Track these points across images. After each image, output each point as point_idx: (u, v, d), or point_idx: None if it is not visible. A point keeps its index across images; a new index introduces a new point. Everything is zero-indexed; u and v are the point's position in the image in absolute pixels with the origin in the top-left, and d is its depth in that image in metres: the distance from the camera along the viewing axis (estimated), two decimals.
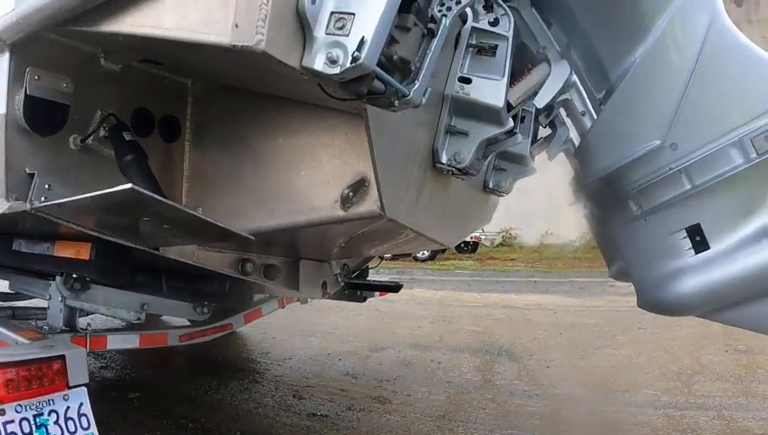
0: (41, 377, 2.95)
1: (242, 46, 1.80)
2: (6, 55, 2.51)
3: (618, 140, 2.72)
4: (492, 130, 2.60)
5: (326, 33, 1.78)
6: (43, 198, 2.58)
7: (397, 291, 5.44)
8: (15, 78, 2.52)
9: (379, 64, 1.70)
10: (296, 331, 8.45)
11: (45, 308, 4.71)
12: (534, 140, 3.26)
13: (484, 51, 2.59)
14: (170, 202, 2.24)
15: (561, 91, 3.04)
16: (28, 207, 2.52)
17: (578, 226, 3.62)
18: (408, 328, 9.02)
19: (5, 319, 4.12)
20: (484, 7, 2.58)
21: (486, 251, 23.40)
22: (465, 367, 7.07)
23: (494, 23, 2.55)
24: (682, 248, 2.59)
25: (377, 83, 1.73)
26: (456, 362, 7.27)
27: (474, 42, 2.61)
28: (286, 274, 3.62)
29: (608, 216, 3.04)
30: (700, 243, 2.56)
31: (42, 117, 2.60)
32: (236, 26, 1.80)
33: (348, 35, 1.74)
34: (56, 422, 2.95)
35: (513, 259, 19.75)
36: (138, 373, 6.54)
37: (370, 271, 5.62)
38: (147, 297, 3.95)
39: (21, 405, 2.82)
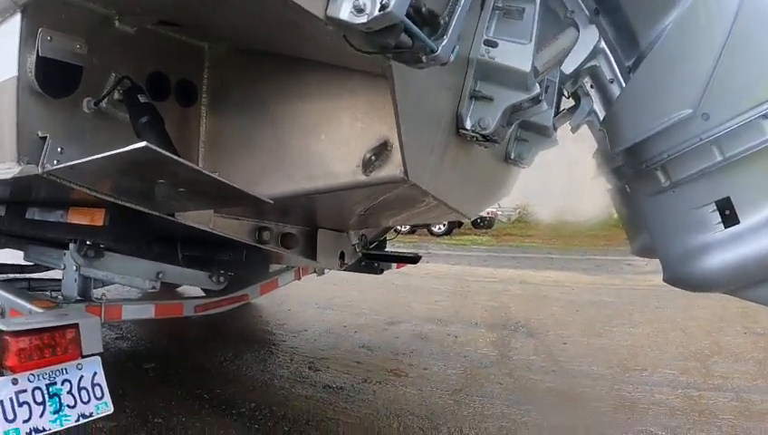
0: (54, 346, 2.94)
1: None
2: (18, 16, 2.45)
3: (647, 108, 2.64)
4: (518, 96, 2.51)
5: None
6: (55, 162, 2.52)
7: (415, 262, 5.38)
8: (27, 39, 2.47)
9: (408, 16, 1.61)
10: (312, 303, 8.47)
11: (57, 280, 4.74)
12: (557, 112, 3.18)
13: (511, 14, 2.50)
14: (186, 162, 2.18)
15: (589, 58, 2.95)
16: (40, 170, 2.47)
17: (596, 203, 3.54)
18: (424, 302, 8.97)
19: (21, 290, 4.13)
20: None
21: (503, 227, 23.33)
22: (482, 342, 7.03)
23: None
24: (711, 222, 2.52)
25: (404, 37, 1.63)
26: (472, 337, 7.22)
27: (500, 4, 2.51)
28: (304, 243, 3.58)
29: (634, 188, 2.97)
30: (730, 217, 2.48)
31: (54, 79, 2.54)
32: None
33: None
34: (69, 392, 2.94)
35: (529, 235, 19.68)
36: (153, 344, 6.56)
37: (388, 244, 5.59)
38: (162, 266, 3.91)
39: (34, 374, 2.83)
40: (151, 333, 6.82)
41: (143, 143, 1.92)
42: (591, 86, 3.46)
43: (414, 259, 5.32)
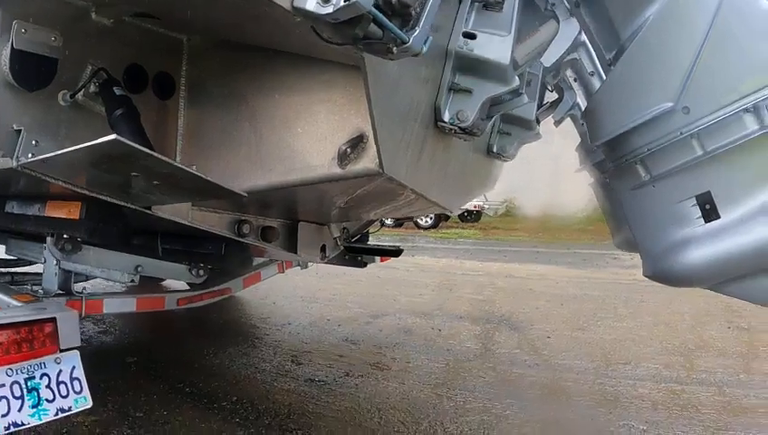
0: (31, 340, 2.91)
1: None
2: None
3: (627, 101, 2.63)
4: (497, 89, 2.48)
5: None
6: (30, 155, 2.51)
7: (397, 256, 5.36)
8: (1, 31, 2.45)
9: (377, 7, 1.57)
10: (296, 296, 8.45)
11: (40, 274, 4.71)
12: (540, 105, 3.16)
13: (491, 5, 2.47)
14: (158, 155, 2.15)
15: (570, 51, 2.99)
16: (14, 163, 2.47)
17: (582, 197, 3.53)
18: (408, 295, 8.97)
19: (2, 284, 4.06)
20: None
21: (489, 221, 23.39)
22: (466, 335, 7.03)
23: None
24: (691, 217, 2.52)
25: (374, 28, 1.60)
26: (456, 331, 7.23)
27: None
28: (284, 236, 3.57)
29: (615, 181, 2.96)
30: (710, 212, 2.48)
31: (29, 71, 2.53)
32: None
33: None
34: (48, 386, 2.91)
35: (516, 229, 19.76)
36: (137, 338, 6.54)
37: (371, 237, 5.57)
38: (141, 259, 3.90)
39: (12, 369, 2.80)
40: (135, 326, 6.80)
41: (113, 136, 1.89)
42: (575, 79, 3.46)
43: (396, 252, 5.31)
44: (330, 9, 1.55)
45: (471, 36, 2.46)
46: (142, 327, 6.74)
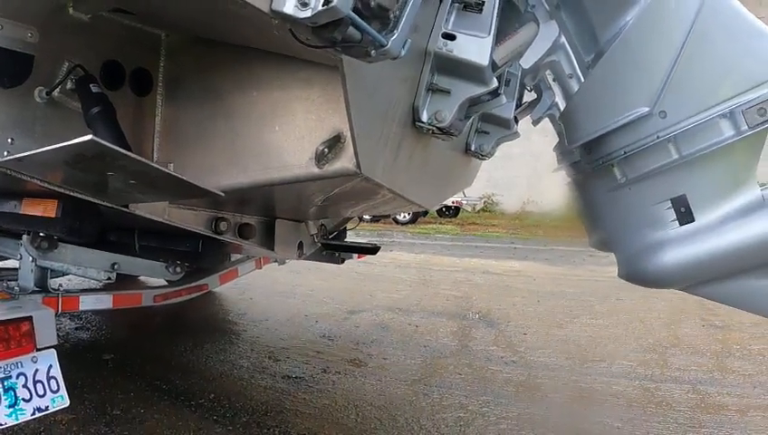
0: (7, 339, 2.92)
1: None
2: None
3: (605, 105, 2.66)
4: (475, 90, 2.48)
5: None
6: (5, 153, 2.52)
7: (374, 253, 5.35)
8: None
9: (355, 10, 1.58)
10: (274, 292, 8.45)
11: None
12: (519, 104, 3.18)
13: (471, 6, 2.46)
14: (134, 155, 2.13)
15: (549, 53, 3.01)
16: None
17: (560, 194, 3.58)
18: (386, 291, 9.00)
19: None
20: None
21: (468, 216, 23.46)
22: (443, 331, 7.07)
23: None
24: (666, 220, 2.55)
25: (352, 31, 1.60)
26: (433, 327, 7.26)
27: None
28: (261, 233, 3.57)
29: (591, 183, 2.99)
30: (685, 215, 2.51)
31: (4, 68, 2.52)
32: None
33: None
34: (24, 385, 2.94)
35: (494, 225, 19.88)
36: (113, 335, 6.49)
37: (349, 233, 5.57)
38: (117, 256, 3.88)
39: None
40: (112, 323, 6.77)
41: (89, 136, 1.87)
42: (554, 80, 3.48)
43: (373, 250, 5.30)
44: (308, 13, 1.54)
45: (450, 37, 2.45)
46: (119, 324, 6.70)
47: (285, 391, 5.04)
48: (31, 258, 3.87)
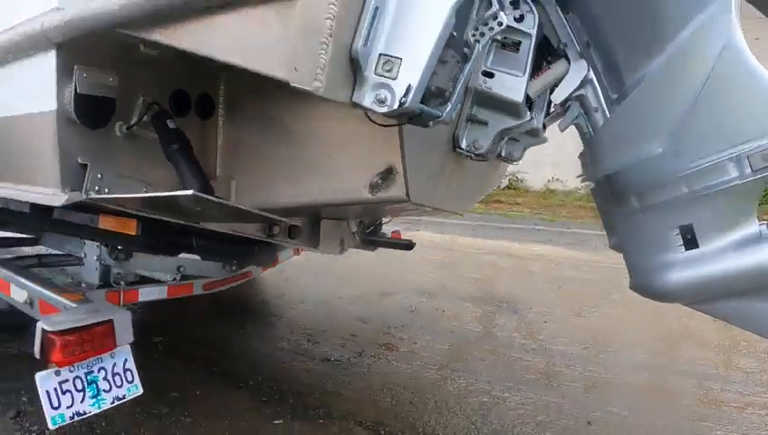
0: (92, 340, 3.23)
1: (300, 88, 1.89)
2: (53, 53, 2.63)
3: (625, 143, 2.89)
4: (510, 122, 2.77)
5: (375, 74, 1.91)
6: (96, 188, 2.75)
7: (410, 249, 5.66)
8: (63, 75, 2.64)
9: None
10: (308, 271, 8.67)
11: (67, 255, 5.04)
12: (548, 112, 3.32)
13: (508, 46, 2.67)
14: (227, 202, 2.51)
15: (577, 88, 3.12)
16: (84, 197, 2.70)
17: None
18: (413, 273, 9.24)
19: (49, 281, 4.37)
20: (511, 3, 2.64)
21: (492, 194, 23.32)
22: (468, 317, 7.39)
23: (520, 19, 2.64)
24: (674, 244, 2.78)
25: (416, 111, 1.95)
26: (459, 312, 7.58)
27: (498, 37, 2.64)
28: (308, 233, 3.83)
29: (609, 203, 3.27)
30: (690, 241, 2.74)
31: (91, 112, 2.73)
32: (296, 70, 1.89)
33: (395, 78, 1.88)
34: (105, 378, 3.29)
35: (518, 204, 19.82)
36: (159, 318, 6.69)
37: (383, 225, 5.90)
38: (182, 260, 4.26)
39: (74, 365, 3.14)
40: (155, 306, 7.07)
41: (190, 191, 2.27)
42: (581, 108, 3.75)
43: (408, 246, 5.62)
44: (384, 109, 1.88)
45: (489, 75, 2.70)
46: (161, 307, 7.03)
47: (325, 373, 5.44)
48: (95, 257, 4.30)
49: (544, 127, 3.36)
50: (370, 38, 1.87)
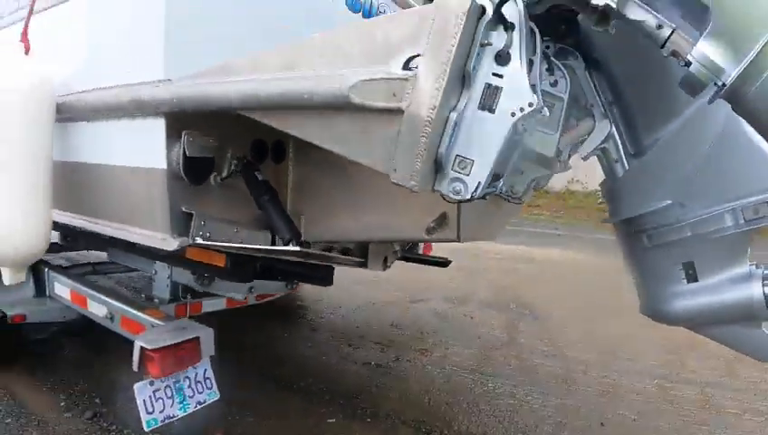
0: (183, 355, 3.67)
1: (398, 184, 2.19)
2: (162, 121, 2.93)
3: (640, 195, 3.22)
4: (542, 172, 3.03)
5: (452, 170, 2.19)
6: (200, 233, 3.04)
7: (445, 266, 6.12)
8: (171, 139, 2.93)
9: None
10: (342, 277, 8.77)
11: (116, 263, 5.48)
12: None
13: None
14: (325, 253, 2.94)
15: (601, 144, 3.37)
16: (191, 241, 3.01)
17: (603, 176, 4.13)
18: (440, 279, 9.21)
19: (129, 299, 4.74)
20: (547, 69, 2.82)
21: None
22: (494, 323, 7.84)
23: (554, 84, 2.83)
24: (678, 277, 3.13)
25: None
26: (486, 318, 8.04)
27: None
28: (357, 252, 4.21)
29: (624, 238, 3.48)
30: (692, 276, 3.09)
31: (195, 170, 3.05)
32: (395, 170, 2.19)
33: (468, 175, 2.17)
34: (189, 386, 3.75)
35: (537, 205, 19.92)
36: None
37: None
38: (255, 282, 4.63)
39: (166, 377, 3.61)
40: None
41: (297, 248, 2.82)
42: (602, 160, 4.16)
43: (444, 264, 6.07)
44: (459, 198, 2.21)
45: None
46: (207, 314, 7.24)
47: (368, 376, 5.95)
48: (167, 275, 4.72)
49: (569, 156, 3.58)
50: (450, 144, 2.19)
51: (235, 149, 3.24)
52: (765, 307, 2.97)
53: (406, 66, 2.19)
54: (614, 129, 3.34)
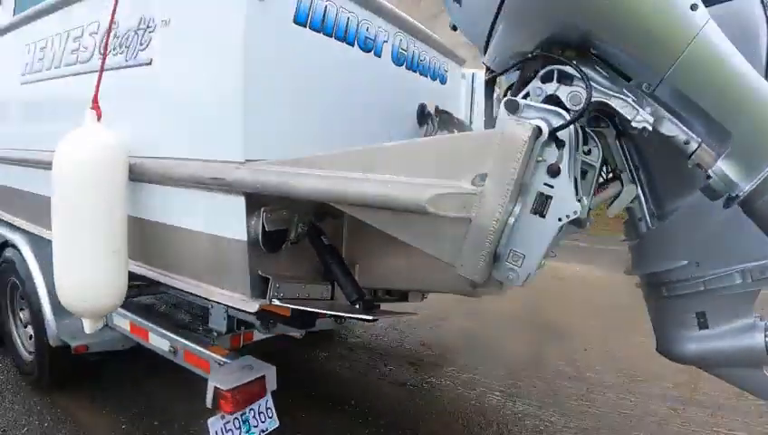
0: (251, 392, 3.93)
1: (464, 276, 2.46)
2: (242, 199, 3.19)
3: (660, 253, 3.53)
4: (573, 229, 3.13)
5: (506, 262, 2.45)
6: (276, 294, 3.32)
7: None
8: (251, 214, 3.19)
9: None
10: None
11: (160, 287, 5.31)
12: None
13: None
14: (392, 310, 3.35)
15: (628, 205, 3.61)
16: (268, 302, 3.28)
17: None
18: (465, 298, 9.46)
19: (188, 328, 4.95)
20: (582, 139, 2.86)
21: None
22: (518, 342, 8.13)
23: (588, 153, 2.92)
24: (691, 324, 3.45)
25: None
26: (510, 337, 8.33)
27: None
28: (399, 292, 4.41)
29: (644, 288, 3.86)
30: (703, 323, 3.42)
31: (272, 241, 3.30)
32: (461, 265, 2.49)
33: (519, 267, 2.43)
34: (254, 417, 3.99)
35: None
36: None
37: None
38: None
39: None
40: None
41: (376, 318, 3.25)
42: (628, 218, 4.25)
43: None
44: (511, 284, 2.52)
45: None
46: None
47: (406, 397, 6.26)
48: (225, 309, 4.75)
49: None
50: (507, 243, 2.47)
51: (301, 215, 3.48)
52: (766, 354, 3.38)
53: (474, 182, 2.47)
54: (640, 191, 3.58)
